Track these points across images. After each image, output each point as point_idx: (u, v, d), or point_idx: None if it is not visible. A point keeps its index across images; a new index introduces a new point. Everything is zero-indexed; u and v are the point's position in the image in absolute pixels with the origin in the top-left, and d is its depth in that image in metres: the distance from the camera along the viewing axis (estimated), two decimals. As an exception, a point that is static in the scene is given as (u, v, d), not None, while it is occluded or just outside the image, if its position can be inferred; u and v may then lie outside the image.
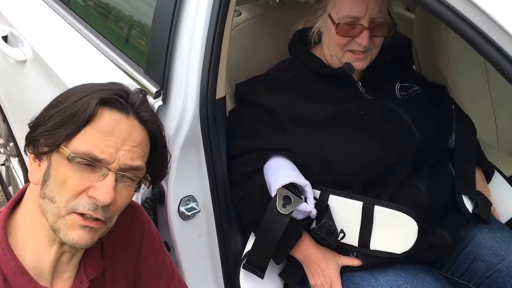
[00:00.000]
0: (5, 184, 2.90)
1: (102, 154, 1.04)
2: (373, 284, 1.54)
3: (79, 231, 1.06)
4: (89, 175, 1.05)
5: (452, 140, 1.78)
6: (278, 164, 1.56)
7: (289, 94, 1.66)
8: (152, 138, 1.14)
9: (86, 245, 1.09)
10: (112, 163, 1.06)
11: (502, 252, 1.63)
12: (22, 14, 2.27)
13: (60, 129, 1.05)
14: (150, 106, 1.16)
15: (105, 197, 1.04)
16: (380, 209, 1.52)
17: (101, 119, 1.06)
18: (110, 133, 1.06)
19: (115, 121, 1.07)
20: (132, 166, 1.08)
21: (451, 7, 1.08)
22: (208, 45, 1.51)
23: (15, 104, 2.38)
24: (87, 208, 1.05)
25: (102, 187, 1.05)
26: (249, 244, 1.66)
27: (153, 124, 1.13)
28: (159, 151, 1.17)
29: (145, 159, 1.13)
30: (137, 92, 1.14)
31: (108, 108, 1.07)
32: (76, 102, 1.06)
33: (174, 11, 1.54)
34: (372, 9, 1.57)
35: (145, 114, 1.11)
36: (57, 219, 1.06)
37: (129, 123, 1.09)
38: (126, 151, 1.07)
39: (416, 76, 1.86)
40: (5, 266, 1.07)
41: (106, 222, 1.09)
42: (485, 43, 1.06)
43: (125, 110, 1.09)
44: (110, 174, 1.05)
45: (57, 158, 1.06)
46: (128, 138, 1.07)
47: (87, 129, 1.05)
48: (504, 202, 1.81)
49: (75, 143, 1.04)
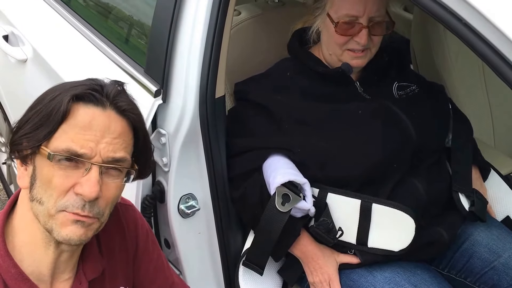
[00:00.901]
0: (7, 183, 2.90)
1: (82, 148, 1.03)
2: (371, 281, 1.55)
3: (71, 227, 1.05)
4: (73, 172, 1.04)
5: (449, 139, 1.79)
6: (277, 163, 1.57)
7: (288, 93, 1.67)
8: (134, 128, 1.12)
9: (80, 240, 1.07)
10: (93, 157, 1.04)
11: (498, 250, 1.64)
12: (23, 14, 2.27)
13: (38, 130, 1.04)
14: (129, 96, 1.14)
15: (89, 191, 1.03)
16: (378, 207, 1.52)
17: (77, 115, 1.05)
18: (88, 127, 1.04)
19: (91, 115, 1.05)
20: (115, 157, 1.07)
21: (447, 7, 1.09)
22: (207, 44, 1.52)
23: (16, 103, 2.38)
24: (76, 207, 1.04)
25: (87, 182, 1.04)
26: (248, 242, 1.66)
27: (132, 113, 1.11)
28: (142, 141, 1.15)
29: (129, 149, 1.11)
30: (112, 84, 1.12)
31: (83, 103, 1.06)
32: (50, 102, 1.05)
33: (174, 10, 1.54)
34: (370, 8, 1.58)
35: (123, 104, 1.09)
36: (48, 219, 1.05)
37: (106, 115, 1.07)
38: (107, 143, 1.06)
39: (413, 75, 1.86)
40: (5, 273, 1.07)
41: (98, 218, 1.08)
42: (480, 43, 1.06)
43: (100, 103, 1.07)
44: (93, 168, 1.04)
45: (40, 159, 1.05)
46: (107, 130, 1.06)
47: (64, 127, 1.04)
48: (500, 201, 1.82)
49: (54, 142, 1.04)
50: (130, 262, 1.29)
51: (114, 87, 1.11)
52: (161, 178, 1.64)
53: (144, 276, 1.32)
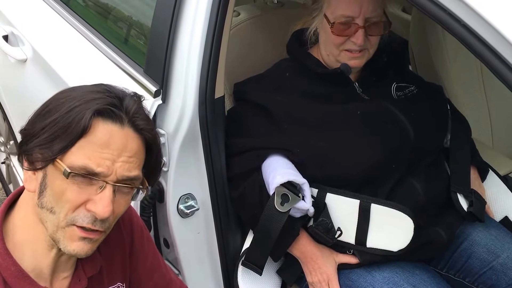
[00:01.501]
0: (6, 182, 2.90)
1: (99, 167, 1.02)
2: (370, 281, 1.56)
3: (78, 243, 1.05)
4: (87, 188, 1.03)
5: (447, 140, 1.80)
6: (276, 163, 1.57)
7: (287, 94, 1.67)
8: (148, 145, 1.11)
9: (86, 254, 1.08)
10: (109, 176, 1.03)
11: (496, 250, 1.65)
12: (23, 14, 2.27)
13: (54, 142, 1.01)
14: (146, 111, 1.12)
15: (103, 211, 1.03)
16: (376, 207, 1.53)
17: (96, 132, 1.02)
18: (106, 146, 1.02)
19: (110, 132, 1.03)
20: (129, 177, 1.06)
21: (446, 8, 1.10)
22: (207, 45, 1.52)
23: (16, 102, 2.39)
24: (86, 222, 1.03)
25: (100, 201, 1.03)
26: (247, 242, 1.67)
27: (148, 133, 1.09)
28: (154, 158, 1.14)
29: (141, 167, 1.10)
30: (131, 98, 1.09)
31: (102, 119, 1.03)
32: (68, 113, 1.02)
33: (174, 11, 1.55)
34: (366, 8, 1.58)
35: (141, 123, 1.07)
36: (56, 229, 1.05)
37: (124, 133, 1.05)
38: (123, 162, 1.04)
39: (412, 76, 1.87)
40: (5, 271, 1.06)
41: (105, 231, 1.09)
42: (478, 44, 1.07)
43: (119, 120, 1.04)
44: (108, 186, 1.03)
45: (52, 170, 1.03)
46: (124, 149, 1.04)
47: (82, 142, 1.01)
48: (499, 201, 1.82)
49: (70, 156, 1.01)
50: (127, 259, 1.29)
51: (133, 101, 1.09)
52: (161, 178, 1.64)
53: (141, 273, 1.32)
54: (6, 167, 2.86)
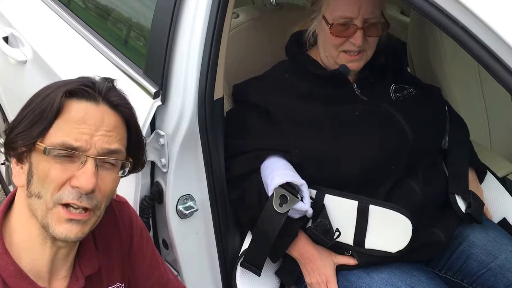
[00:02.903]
0: (6, 183, 2.91)
1: (77, 142, 1.05)
2: (368, 282, 1.56)
3: (66, 225, 1.06)
4: (69, 165, 1.05)
5: (445, 141, 1.80)
6: (275, 164, 1.58)
7: (285, 95, 1.68)
8: (126, 122, 1.14)
9: (76, 237, 1.08)
10: (89, 150, 1.06)
11: (494, 251, 1.65)
12: (23, 16, 2.28)
13: (33, 127, 1.05)
14: (119, 91, 1.15)
15: (86, 183, 1.04)
16: (375, 208, 1.53)
17: (70, 110, 1.06)
18: (82, 121, 1.06)
19: (85, 109, 1.07)
20: (110, 149, 1.08)
21: (444, 10, 1.10)
22: (206, 47, 1.53)
23: (16, 104, 2.39)
24: (71, 198, 1.05)
25: (83, 175, 1.05)
26: (246, 243, 1.67)
27: (124, 107, 1.13)
28: (134, 135, 1.16)
29: (123, 142, 1.13)
30: (103, 81, 1.14)
31: (76, 99, 1.08)
32: (43, 100, 1.07)
33: (173, 12, 1.55)
34: (365, 9, 1.58)
35: (115, 99, 1.11)
36: (45, 213, 1.06)
37: (99, 109, 1.09)
38: (102, 135, 1.07)
39: (410, 78, 1.88)
40: (4, 271, 1.07)
41: (94, 211, 1.09)
42: (477, 46, 1.07)
43: (93, 98, 1.09)
44: (89, 160, 1.05)
45: (35, 155, 1.06)
46: (101, 124, 1.08)
47: (59, 122, 1.06)
48: (496, 202, 1.83)
49: (49, 137, 1.05)
50: (126, 258, 1.29)
51: (105, 83, 1.13)
52: (160, 179, 1.65)
53: (139, 273, 1.33)
54: (5, 168, 2.86)
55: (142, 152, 1.21)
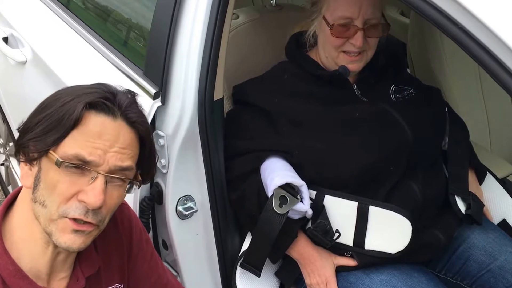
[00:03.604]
0: (5, 184, 2.91)
1: (91, 156, 1.03)
2: (368, 283, 1.56)
3: (70, 235, 1.06)
4: (79, 179, 1.04)
5: (445, 142, 1.80)
6: (275, 165, 1.58)
7: (285, 96, 1.68)
8: (141, 139, 1.13)
9: (79, 248, 1.08)
10: (101, 165, 1.05)
11: (494, 253, 1.66)
12: (23, 16, 2.28)
13: (48, 134, 1.04)
14: (139, 107, 1.14)
15: (94, 201, 1.03)
16: (375, 209, 1.53)
17: (88, 123, 1.05)
18: (98, 136, 1.05)
19: (102, 124, 1.06)
20: (122, 166, 1.07)
21: (444, 11, 1.10)
22: (206, 47, 1.53)
23: (15, 104, 2.39)
24: (78, 213, 1.04)
25: (92, 191, 1.04)
26: (246, 243, 1.67)
27: (141, 125, 1.11)
28: (147, 152, 1.15)
29: (135, 159, 1.11)
30: (125, 93, 1.12)
31: (95, 112, 1.06)
32: (62, 107, 1.04)
33: (173, 13, 1.55)
34: (365, 10, 1.59)
35: (133, 116, 1.10)
36: (48, 223, 1.06)
37: (116, 125, 1.07)
38: (115, 152, 1.06)
39: (410, 79, 1.88)
40: (3, 270, 1.07)
41: (98, 225, 1.09)
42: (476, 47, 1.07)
43: (112, 112, 1.07)
44: (100, 177, 1.04)
45: (46, 162, 1.05)
46: (116, 140, 1.06)
47: (75, 133, 1.04)
48: (496, 204, 1.83)
49: (63, 147, 1.04)
50: (125, 259, 1.29)
51: (127, 97, 1.11)
52: (159, 179, 1.65)
53: (139, 274, 1.32)
54: (5, 169, 2.86)
55: (153, 168, 1.20)
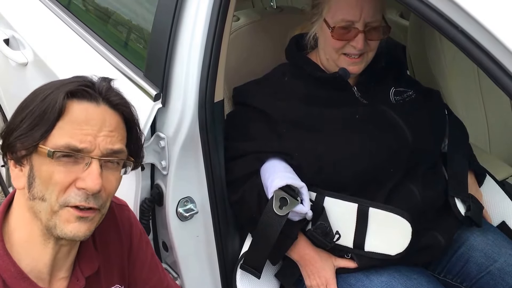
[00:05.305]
0: (6, 185, 2.91)
1: (82, 143, 1.05)
2: (368, 285, 1.56)
3: (75, 224, 1.07)
4: (74, 167, 1.05)
5: (445, 144, 1.81)
6: (275, 167, 1.58)
7: (285, 98, 1.68)
8: (126, 121, 1.15)
9: (84, 236, 1.09)
10: (93, 151, 1.06)
11: (493, 255, 1.66)
12: (24, 18, 2.28)
13: (34, 129, 1.04)
14: (117, 90, 1.16)
15: (93, 185, 1.05)
16: (374, 211, 1.53)
17: (72, 111, 1.06)
18: (85, 122, 1.06)
19: (86, 110, 1.07)
20: (113, 149, 1.09)
21: (443, 14, 1.11)
22: (207, 49, 1.53)
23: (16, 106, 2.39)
24: (79, 200, 1.05)
25: (89, 176, 1.05)
26: (246, 245, 1.67)
27: (124, 107, 1.13)
28: (134, 133, 1.17)
29: (125, 142, 1.14)
30: (101, 81, 1.14)
31: (77, 100, 1.07)
32: (43, 101, 1.05)
33: (174, 15, 1.55)
34: (366, 13, 1.59)
35: (115, 99, 1.12)
36: (51, 216, 1.06)
37: (101, 110, 1.09)
38: (105, 136, 1.07)
39: (410, 81, 1.88)
40: (4, 272, 1.07)
41: (100, 209, 1.10)
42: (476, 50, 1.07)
43: (94, 98, 1.09)
44: (94, 161, 1.06)
45: (37, 158, 1.06)
46: (103, 124, 1.08)
47: (61, 124, 1.05)
48: (496, 206, 1.83)
49: (52, 139, 1.04)
50: (125, 260, 1.30)
51: (104, 83, 1.13)
52: (160, 181, 1.65)
53: (139, 276, 1.33)
54: (5, 170, 2.86)
55: (141, 148, 1.22)
